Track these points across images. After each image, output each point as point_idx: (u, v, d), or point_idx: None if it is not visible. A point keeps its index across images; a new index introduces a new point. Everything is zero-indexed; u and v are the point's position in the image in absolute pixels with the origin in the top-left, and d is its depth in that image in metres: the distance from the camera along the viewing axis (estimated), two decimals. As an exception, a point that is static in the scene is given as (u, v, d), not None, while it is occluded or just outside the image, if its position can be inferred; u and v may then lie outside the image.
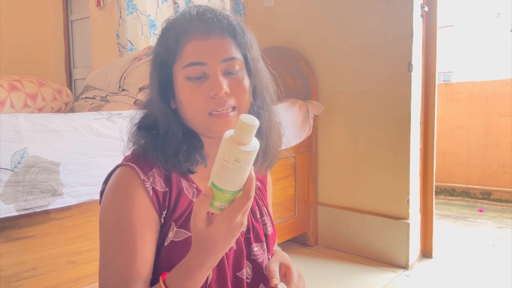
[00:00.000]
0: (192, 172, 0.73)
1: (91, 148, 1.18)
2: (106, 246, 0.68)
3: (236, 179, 0.54)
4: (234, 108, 0.69)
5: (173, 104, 0.72)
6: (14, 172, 1.02)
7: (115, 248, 0.66)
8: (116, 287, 0.65)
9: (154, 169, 0.70)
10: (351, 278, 1.82)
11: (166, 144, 0.70)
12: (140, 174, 0.68)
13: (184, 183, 0.73)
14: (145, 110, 0.75)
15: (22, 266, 1.11)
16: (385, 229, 1.97)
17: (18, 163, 1.03)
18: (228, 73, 0.68)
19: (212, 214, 0.58)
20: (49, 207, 1.11)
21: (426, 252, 2.05)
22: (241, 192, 0.56)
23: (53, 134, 1.11)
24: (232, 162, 0.52)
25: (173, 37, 0.69)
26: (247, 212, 0.58)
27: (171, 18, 0.73)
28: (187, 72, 0.68)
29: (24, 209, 1.06)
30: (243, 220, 0.57)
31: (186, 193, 0.72)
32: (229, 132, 0.53)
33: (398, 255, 1.92)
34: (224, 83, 0.67)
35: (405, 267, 1.90)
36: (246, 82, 0.70)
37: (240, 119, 0.52)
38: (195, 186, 0.74)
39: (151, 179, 0.69)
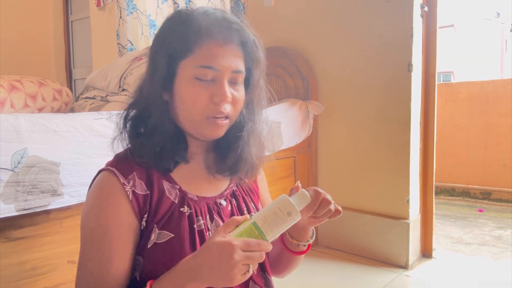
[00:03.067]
0: (171, 171, 0.74)
1: (91, 148, 1.18)
2: (84, 250, 0.70)
3: (276, 229, 0.63)
4: (226, 117, 0.72)
5: (165, 96, 0.72)
6: (14, 172, 1.02)
7: (92, 253, 0.69)
8: None
9: (134, 172, 0.70)
10: (351, 278, 1.82)
11: (154, 138, 0.71)
12: (120, 178, 0.69)
13: (166, 184, 0.73)
14: (134, 101, 0.76)
15: (22, 266, 1.10)
16: (385, 229, 1.96)
17: (18, 163, 1.03)
18: (231, 83, 0.71)
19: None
20: (49, 207, 1.11)
21: (426, 252, 2.05)
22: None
23: (53, 134, 1.11)
24: (284, 213, 0.63)
25: (193, 32, 0.68)
26: (248, 259, 0.59)
27: (189, 10, 0.72)
28: (200, 72, 0.68)
29: (24, 209, 1.06)
30: (239, 261, 0.58)
31: (168, 195, 0.72)
32: (287, 195, 0.65)
33: (398, 255, 1.92)
34: (229, 92, 0.70)
35: (405, 267, 1.90)
36: (243, 94, 0.74)
37: (304, 192, 0.67)
38: (178, 187, 0.74)
39: (131, 182, 0.69)
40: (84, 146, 1.17)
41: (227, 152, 0.78)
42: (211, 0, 2.65)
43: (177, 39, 0.69)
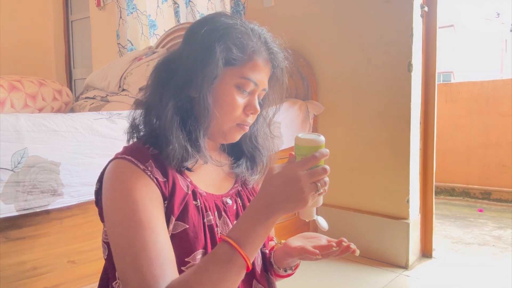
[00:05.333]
0: (190, 170, 0.75)
1: (91, 148, 1.18)
2: (121, 236, 0.64)
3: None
4: (247, 126, 0.79)
5: (194, 93, 0.72)
6: (14, 172, 1.02)
7: (133, 233, 0.63)
8: (148, 275, 0.61)
9: (150, 160, 0.70)
10: (351, 278, 1.82)
11: (179, 137, 0.71)
12: (139, 164, 0.68)
13: (178, 176, 0.73)
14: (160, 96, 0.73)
15: (22, 266, 1.11)
16: (385, 229, 1.97)
17: (18, 163, 1.03)
18: (257, 97, 0.79)
19: None
20: (49, 207, 1.11)
21: (426, 252, 2.05)
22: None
23: (53, 134, 1.11)
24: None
25: (251, 46, 0.73)
26: (311, 177, 0.63)
27: (248, 22, 0.77)
28: (242, 83, 0.73)
29: (24, 209, 1.06)
30: (305, 182, 0.61)
31: (181, 185, 0.72)
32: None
33: (398, 255, 1.92)
34: (258, 106, 0.77)
35: (405, 267, 1.90)
36: None
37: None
38: (189, 180, 0.75)
39: (149, 168, 0.69)
40: (84, 146, 1.17)
41: (240, 152, 0.85)
42: (211, 0, 2.65)
43: (237, 47, 0.72)
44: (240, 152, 0.85)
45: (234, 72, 0.73)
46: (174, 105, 0.72)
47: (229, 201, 0.80)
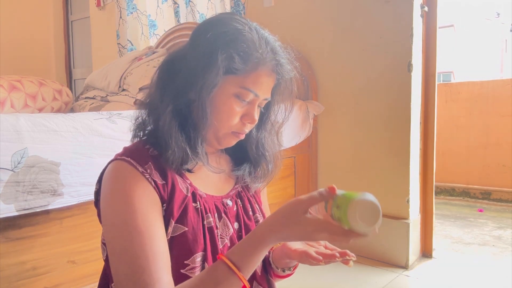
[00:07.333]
0: (191, 171, 0.74)
1: (91, 148, 1.18)
2: (117, 241, 0.65)
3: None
4: (244, 134, 0.77)
5: (192, 95, 0.72)
6: (14, 172, 1.02)
7: (128, 240, 0.63)
8: (142, 282, 0.61)
9: (150, 162, 0.70)
10: (351, 278, 1.82)
11: (179, 139, 0.71)
12: (138, 166, 0.68)
13: (178, 178, 0.73)
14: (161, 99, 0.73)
15: (22, 266, 1.11)
16: (385, 229, 1.96)
17: (18, 163, 1.03)
18: (258, 106, 0.77)
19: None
20: (49, 207, 1.11)
21: (426, 252, 2.05)
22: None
23: (53, 134, 1.11)
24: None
25: (255, 57, 0.71)
26: (334, 238, 0.58)
27: (256, 29, 0.73)
28: (242, 92, 0.72)
29: (24, 209, 1.06)
30: (321, 237, 0.59)
31: (181, 188, 0.72)
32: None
33: (398, 255, 1.92)
34: (257, 116, 0.76)
35: (405, 267, 1.90)
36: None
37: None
38: (189, 182, 0.75)
39: (149, 170, 0.68)
40: (84, 146, 1.17)
41: (242, 156, 0.84)
42: (211, 0, 2.65)
43: (240, 56, 0.69)
44: (242, 155, 0.84)
45: (235, 80, 0.71)
46: (174, 109, 0.71)
47: (229, 202, 0.80)
